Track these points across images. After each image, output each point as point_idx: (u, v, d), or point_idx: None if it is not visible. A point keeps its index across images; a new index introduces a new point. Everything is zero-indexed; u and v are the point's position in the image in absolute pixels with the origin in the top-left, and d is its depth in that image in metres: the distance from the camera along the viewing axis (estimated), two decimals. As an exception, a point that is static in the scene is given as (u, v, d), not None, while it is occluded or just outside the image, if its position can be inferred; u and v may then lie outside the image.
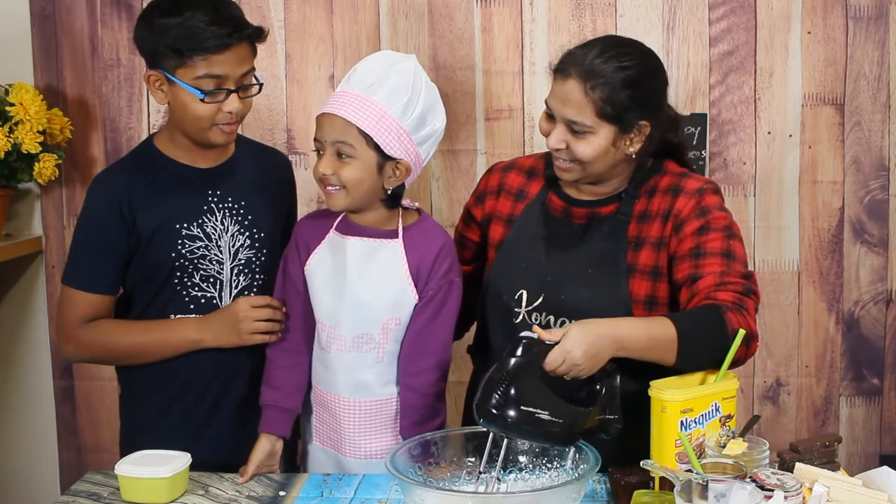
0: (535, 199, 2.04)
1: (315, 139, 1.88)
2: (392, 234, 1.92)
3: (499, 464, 1.71)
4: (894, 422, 2.85)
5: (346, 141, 1.83)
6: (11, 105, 2.53)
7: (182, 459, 1.85)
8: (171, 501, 1.82)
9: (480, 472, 1.73)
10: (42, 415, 2.86)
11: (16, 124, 2.52)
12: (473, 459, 1.76)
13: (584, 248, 1.95)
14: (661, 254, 1.93)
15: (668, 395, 1.70)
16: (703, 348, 1.79)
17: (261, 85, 2.00)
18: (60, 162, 2.62)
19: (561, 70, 1.89)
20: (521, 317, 1.95)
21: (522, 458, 1.79)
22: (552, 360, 1.69)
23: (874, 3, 2.71)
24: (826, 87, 2.74)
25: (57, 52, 2.76)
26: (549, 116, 1.92)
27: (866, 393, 2.84)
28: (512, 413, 1.63)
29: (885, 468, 1.64)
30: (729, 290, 1.83)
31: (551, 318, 1.93)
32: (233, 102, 1.94)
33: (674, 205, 1.93)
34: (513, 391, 1.64)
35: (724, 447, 1.65)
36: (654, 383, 1.74)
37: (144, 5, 2.64)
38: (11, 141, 2.51)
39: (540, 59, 2.72)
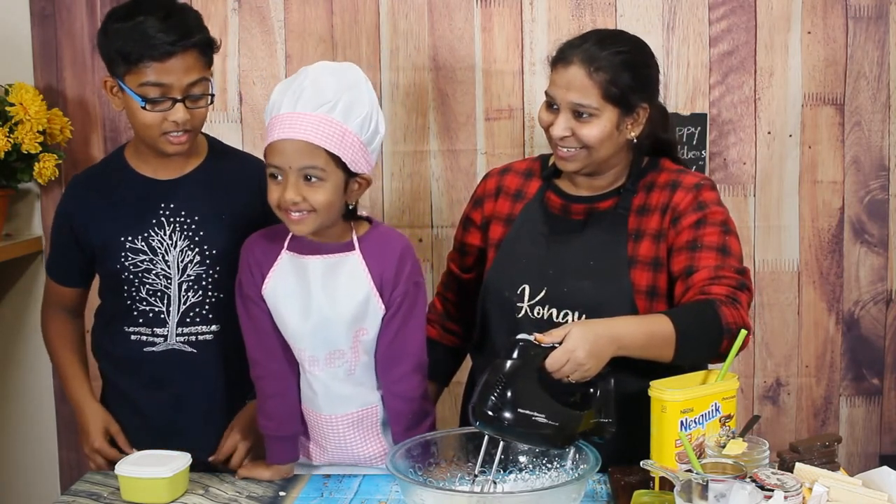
0: (534, 198, 2.06)
1: (273, 165, 1.77)
2: (349, 247, 1.85)
3: (495, 465, 1.71)
4: (894, 422, 2.85)
5: (316, 165, 1.75)
6: (11, 105, 2.53)
7: (182, 459, 1.85)
8: (171, 501, 1.82)
9: (476, 475, 1.73)
10: (42, 415, 2.86)
11: (16, 124, 2.52)
12: (474, 460, 1.75)
13: (585, 240, 1.97)
14: (660, 245, 1.95)
15: (668, 395, 1.70)
16: (699, 343, 1.82)
17: (213, 97, 1.97)
18: (60, 162, 2.62)
19: (561, 59, 1.92)
20: (523, 311, 1.96)
21: (522, 459, 1.79)
22: (555, 361, 1.70)
23: (874, 3, 2.71)
24: (826, 87, 2.74)
25: (57, 52, 2.76)
26: (550, 107, 1.94)
27: (866, 393, 2.84)
28: (508, 416, 1.64)
29: (885, 468, 1.64)
30: (723, 284, 1.86)
31: (554, 311, 1.94)
32: (178, 112, 1.91)
33: (672, 198, 1.95)
34: (509, 394, 1.64)
35: (724, 447, 1.65)
36: (654, 383, 1.74)
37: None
38: (11, 141, 2.50)
39: (540, 59, 2.72)
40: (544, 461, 1.78)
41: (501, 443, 1.70)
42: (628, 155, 2.00)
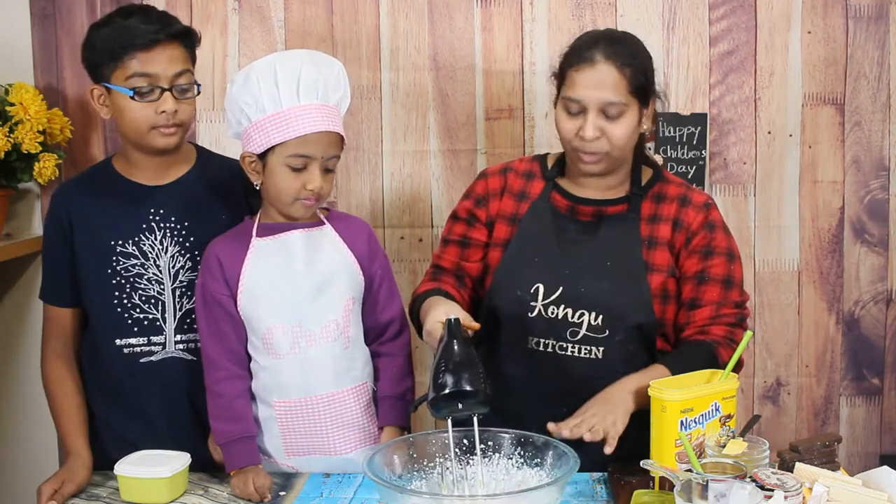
0: (540, 198, 2.06)
1: (304, 155, 1.86)
2: (319, 223, 1.97)
3: (477, 445, 1.71)
4: (894, 422, 2.85)
5: (338, 154, 1.91)
6: (11, 105, 2.53)
7: (181, 460, 1.85)
8: (171, 501, 1.82)
9: (453, 456, 1.72)
10: (42, 415, 2.83)
11: (16, 124, 2.52)
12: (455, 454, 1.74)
13: (600, 241, 1.99)
14: (672, 255, 1.99)
15: (668, 395, 1.70)
16: None
17: (198, 86, 2.00)
18: (60, 162, 2.62)
19: (583, 59, 1.93)
20: (536, 311, 1.96)
21: (506, 446, 1.77)
22: (565, 424, 1.76)
23: (874, 3, 2.71)
24: (826, 87, 2.74)
25: (57, 52, 2.76)
26: (573, 112, 1.95)
27: (866, 393, 2.84)
28: (445, 395, 1.65)
29: (885, 468, 1.64)
30: (722, 324, 1.96)
31: (569, 311, 1.95)
32: (166, 102, 1.94)
33: (683, 214, 2.00)
34: (441, 377, 1.66)
35: (723, 447, 1.65)
36: (654, 383, 1.74)
37: (146, 5, 2.66)
38: (11, 141, 2.50)
39: (540, 59, 2.72)
40: (526, 454, 1.76)
41: (476, 423, 1.70)
42: (632, 157, 2.04)
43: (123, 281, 2.02)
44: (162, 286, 2.03)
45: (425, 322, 1.84)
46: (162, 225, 2.04)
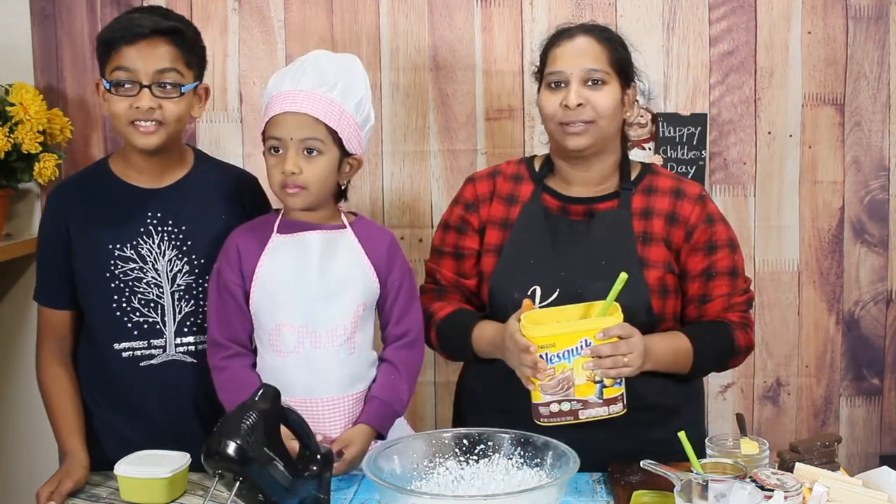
0: (531, 200, 2.05)
1: (273, 137, 1.85)
2: (340, 227, 1.95)
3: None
4: (894, 422, 2.85)
5: (317, 137, 1.85)
6: (11, 105, 2.53)
7: (181, 460, 1.85)
8: (171, 501, 1.82)
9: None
10: (42, 415, 2.83)
11: (16, 124, 2.51)
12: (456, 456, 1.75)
13: (594, 240, 1.98)
14: (668, 249, 1.99)
15: (530, 332, 1.78)
16: (713, 360, 2.00)
17: (181, 88, 1.96)
18: (60, 162, 2.62)
19: (563, 35, 2.01)
20: None
21: (505, 447, 1.77)
22: (614, 328, 1.77)
23: (874, 3, 2.72)
24: (826, 87, 2.74)
25: (57, 52, 2.76)
26: (553, 86, 1.98)
27: (866, 393, 2.84)
28: (253, 455, 1.55)
29: (885, 468, 1.64)
30: (736, 311, 2.00)
31: None
32: (142, 98, 1.92)
33: (678, 208, 2.00)
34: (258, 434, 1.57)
35: (735, 448, 1.66)
36: (524, 317, 1.82)
37: (145, 5, 2.66)
38: (11, 141, 2.50)
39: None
40: (526, 454, 1.75)
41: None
42: (618, 148, 2.04)
43: (122, 285, 2.01)
44: (161, 290, 2.03)
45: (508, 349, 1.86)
46: (160, 229, 2.03)
